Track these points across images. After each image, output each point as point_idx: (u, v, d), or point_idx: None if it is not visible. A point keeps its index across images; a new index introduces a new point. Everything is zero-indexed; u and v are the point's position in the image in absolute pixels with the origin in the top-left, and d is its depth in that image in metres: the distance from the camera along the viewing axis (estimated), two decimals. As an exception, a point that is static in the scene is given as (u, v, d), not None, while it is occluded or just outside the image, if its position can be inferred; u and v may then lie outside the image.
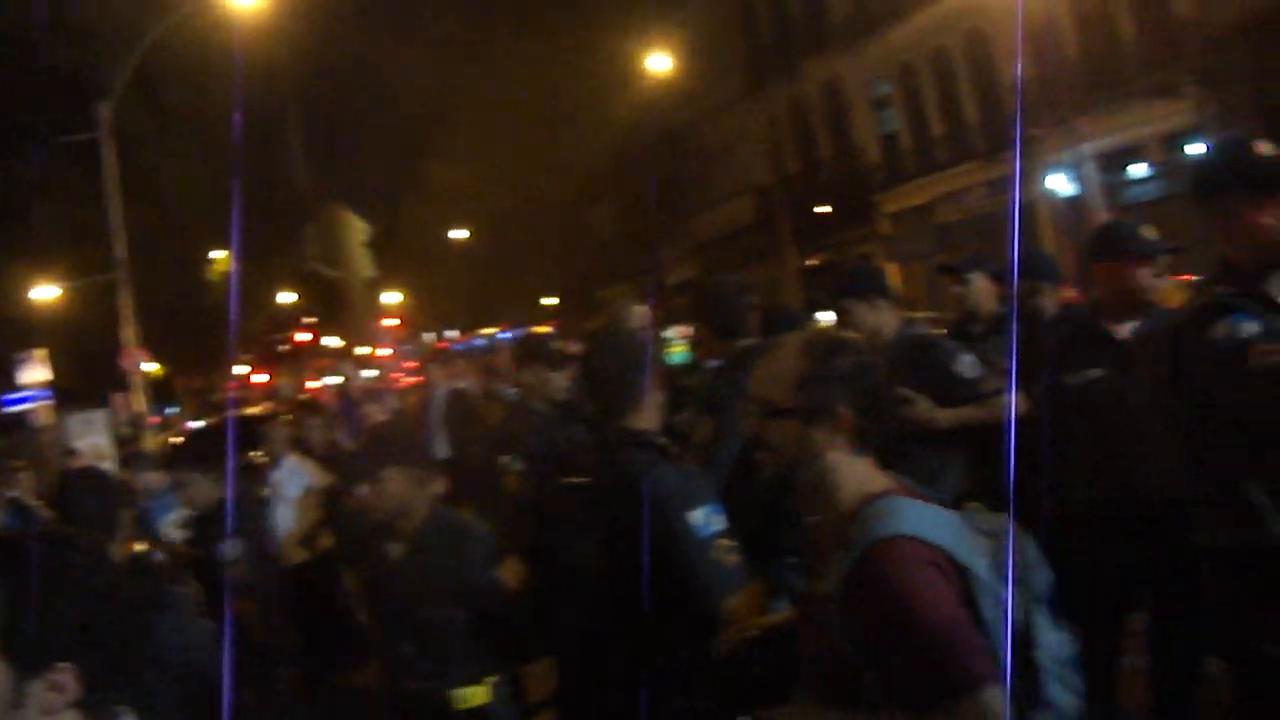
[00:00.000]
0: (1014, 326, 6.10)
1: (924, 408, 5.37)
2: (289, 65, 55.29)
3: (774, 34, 41.90)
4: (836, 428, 2.66)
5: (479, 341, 61.87)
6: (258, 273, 58.37)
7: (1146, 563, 4.71)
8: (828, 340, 2.82)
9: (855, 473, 2.66)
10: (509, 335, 63.02)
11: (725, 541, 3.64)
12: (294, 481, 8.56)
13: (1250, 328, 3.50)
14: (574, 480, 4.37)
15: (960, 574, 2.45)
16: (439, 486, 4.73)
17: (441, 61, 69.23)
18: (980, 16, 30.50)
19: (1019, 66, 27.72)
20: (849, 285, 5.87)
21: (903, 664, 2.35)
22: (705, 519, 3.65)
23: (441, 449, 11.75)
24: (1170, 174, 25.53)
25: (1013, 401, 5.20)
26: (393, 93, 75.35)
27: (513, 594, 4.56)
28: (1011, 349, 5.88)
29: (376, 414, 10.56)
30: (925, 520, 2.49)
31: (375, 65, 76.53)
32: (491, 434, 7.46)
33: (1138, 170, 27.35)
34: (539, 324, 69.18)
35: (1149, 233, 5.01)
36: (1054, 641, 2.59)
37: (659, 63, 40.76)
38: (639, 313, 7.11)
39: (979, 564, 2.49)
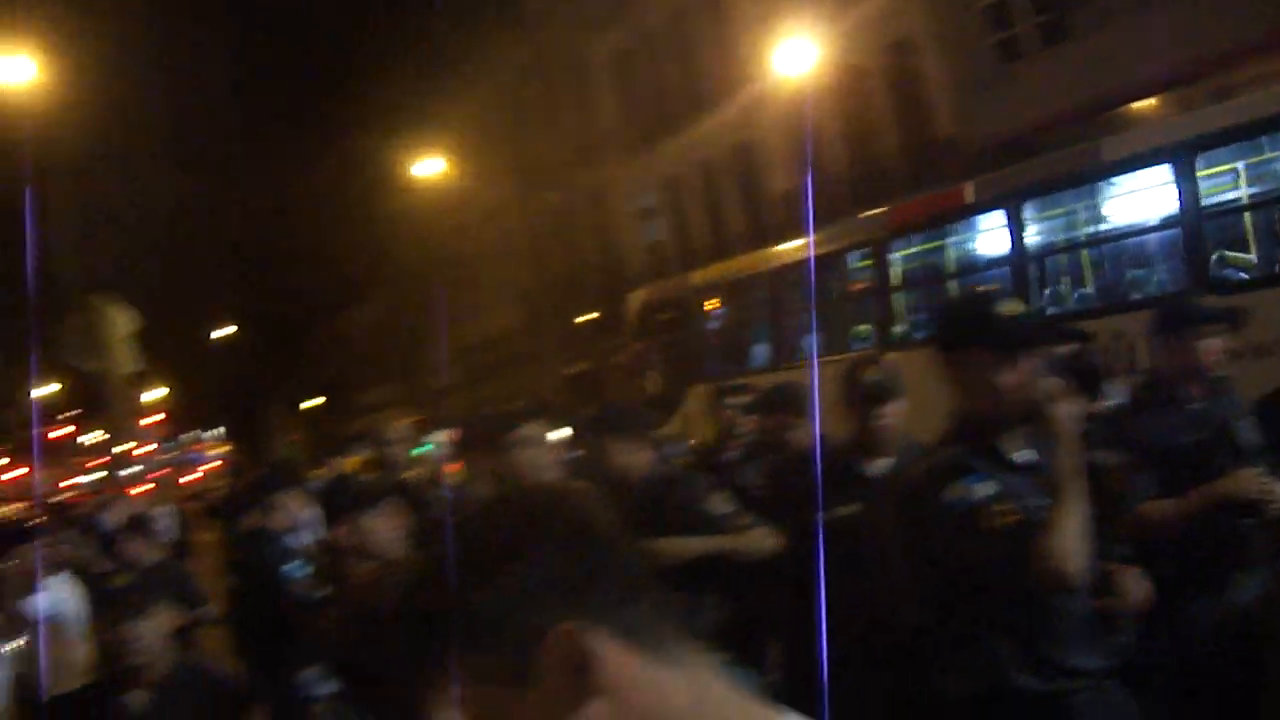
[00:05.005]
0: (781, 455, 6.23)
1: (673, 540, 5.09)
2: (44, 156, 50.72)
3: (544, 143, 39.73)
4: None
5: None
6: (9, 365, 53.20)
7: (900, 696, 4.57)
8: None
9: None
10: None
11: None
12: (63, 604, 7.52)
13: (983, 490, 3.41)
14: None
15: None
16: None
17: (211, 156, 65.80)
18: (748, 130, 29.47)
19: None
20: (609, 422, 5.75)
21: None
22: None
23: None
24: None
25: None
26: (161, 188, 71.15)
27: None
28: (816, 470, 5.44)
29: (140, 547, 9.23)
30: None
31: (142, 159, 72.15)
32: None
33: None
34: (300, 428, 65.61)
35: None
36: None
37: (429, 166, 38.76)
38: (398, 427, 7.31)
39: None
